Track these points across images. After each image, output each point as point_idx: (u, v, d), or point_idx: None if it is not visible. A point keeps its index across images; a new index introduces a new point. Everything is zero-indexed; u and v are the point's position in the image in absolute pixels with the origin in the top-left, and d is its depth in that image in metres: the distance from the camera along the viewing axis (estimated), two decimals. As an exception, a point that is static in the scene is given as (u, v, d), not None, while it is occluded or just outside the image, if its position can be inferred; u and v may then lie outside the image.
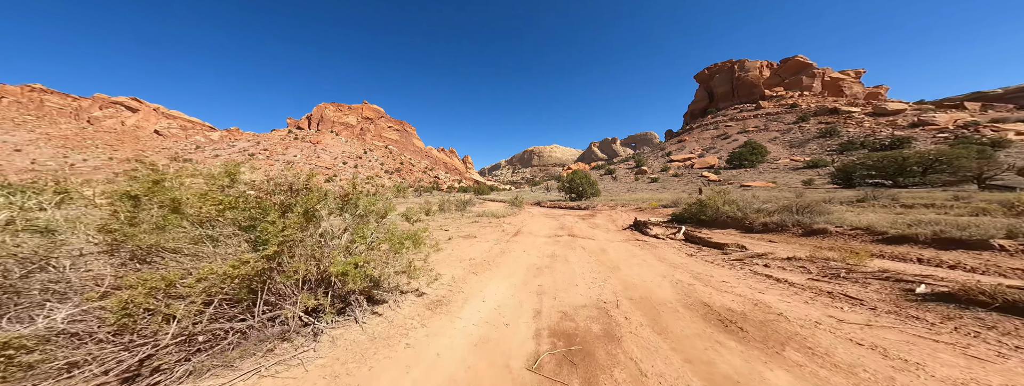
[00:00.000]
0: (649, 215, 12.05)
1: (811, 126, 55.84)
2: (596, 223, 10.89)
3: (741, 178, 41.98)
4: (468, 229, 8.80)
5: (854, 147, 46.70)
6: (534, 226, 9.91)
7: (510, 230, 8.74)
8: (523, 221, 11.44)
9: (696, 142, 61.22)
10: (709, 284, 3.68)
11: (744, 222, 7.82)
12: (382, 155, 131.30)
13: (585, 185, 24.92)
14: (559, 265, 4.76)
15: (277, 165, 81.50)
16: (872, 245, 5.15)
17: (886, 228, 5.46)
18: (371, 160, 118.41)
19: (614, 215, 13.38)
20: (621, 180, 50.09)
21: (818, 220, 6.57)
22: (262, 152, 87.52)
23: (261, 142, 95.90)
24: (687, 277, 3.96)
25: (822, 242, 5.77)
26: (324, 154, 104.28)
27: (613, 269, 4.47)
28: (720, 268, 4.32)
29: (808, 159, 45.57)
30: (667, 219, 10.23)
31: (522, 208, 16.33)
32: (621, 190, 40.08)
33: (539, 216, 13.77)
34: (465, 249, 6.15)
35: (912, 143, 42.77)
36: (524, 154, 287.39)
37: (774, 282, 3.66)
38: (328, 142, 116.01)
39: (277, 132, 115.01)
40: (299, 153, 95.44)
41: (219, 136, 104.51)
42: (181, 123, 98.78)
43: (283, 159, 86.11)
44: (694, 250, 5.67)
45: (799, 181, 35.07)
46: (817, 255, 4.47)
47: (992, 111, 52.73)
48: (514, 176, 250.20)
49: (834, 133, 51.56)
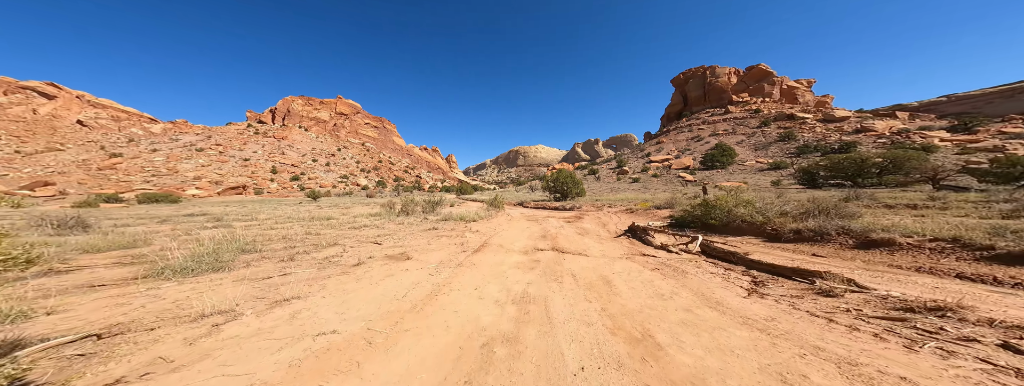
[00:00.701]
0: (643, 218, 10.36)
1: (772, 130, 58.74)
2: (585, 228, 8.97)
3: (714, 178, 42.74)
4: (413, 241, 6.32)
5: (809, 150, 49.43)
6: (509, 234, 7.77)
7: (473, 242, 6.47)
8: (497, 227, 9.26)
9: (673, 144, 62.42)
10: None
11: (765, 228, 6.24)
12: (358, 153, 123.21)
13: (570, 185, 23.23)
14: (530, 332, 2.44)
15: (231, 162, 72.96)
16: (998, 267, 3.51)
17: (983, 239, 3.94)
18: (346, 158, 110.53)
19: (603, 217, 11.59)
20: (604, 180, 49.62)
21: (874, 227, 5.01)
22: (213, 147, 78.06)
23: (213, 136, 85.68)
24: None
25: (900, 258, 4.18)
26: (290, 151, 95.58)
27: (639, 341, 2.28)
28: (875, 344, 2.11)
29: (771, 161, 47.55)
30: (665, 223, 8.58)
31: (501, 209, 14.20)
32: (604, 190, 39.23)
33: (519, 219, 11.66)
34: (364, 289, 3.36)
35: (857, 147, 46.01)
36: (509, 154, 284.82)
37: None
38: (295, 138, 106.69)
39: (234, 125, 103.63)
40: (260, 149, 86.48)
41: (161, 129, 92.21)
42: (113, 113, 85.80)
43: (239, 156, 77.34)
44: (745, 281, 3.68)
45: (767, 181, 36.01)
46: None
47: (919, 120, 58.41)
48: (499, 176, 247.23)
49: (792, 137, 54.50)
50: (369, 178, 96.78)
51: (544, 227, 9.21)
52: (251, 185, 65.06)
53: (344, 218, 11.59)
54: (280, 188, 67.49)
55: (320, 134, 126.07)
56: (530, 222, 10.67)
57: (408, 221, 10.32)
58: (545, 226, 9.46)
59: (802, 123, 59.36)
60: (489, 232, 7.90)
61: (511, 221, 10.93)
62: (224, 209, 17.98)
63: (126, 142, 74.43)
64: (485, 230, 8.21)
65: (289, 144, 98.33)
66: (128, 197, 37.82)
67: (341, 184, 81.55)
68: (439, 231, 7.68)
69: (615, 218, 11.23)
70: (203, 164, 69.78)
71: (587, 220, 11.00)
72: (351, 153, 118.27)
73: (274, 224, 9.39)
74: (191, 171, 65.01)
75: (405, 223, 9.50)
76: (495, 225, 9.48)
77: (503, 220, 11.07)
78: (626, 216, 11.50)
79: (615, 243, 6.70)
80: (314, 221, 10.40)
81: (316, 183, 76.05)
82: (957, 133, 46.92)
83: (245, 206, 21.89)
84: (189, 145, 77.61)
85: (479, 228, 8.49)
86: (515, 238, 7.11)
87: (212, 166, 70.01)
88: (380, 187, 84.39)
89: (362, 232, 7.42)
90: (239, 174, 68.71)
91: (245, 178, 67.29)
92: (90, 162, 61.51)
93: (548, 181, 25.63)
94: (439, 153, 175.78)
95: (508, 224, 9.98)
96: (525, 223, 10.36)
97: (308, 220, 10.73)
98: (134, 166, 63.14)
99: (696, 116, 70.55)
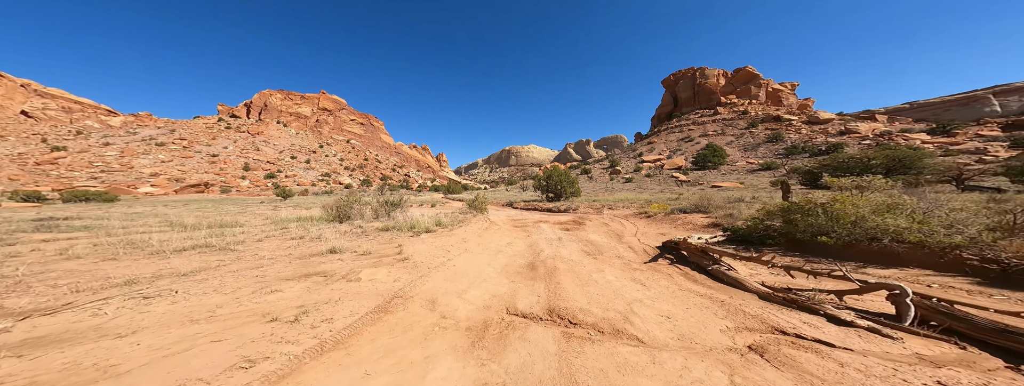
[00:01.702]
0: (671, 226, 7.19)
1: (760, 132, 57.94)
2: (594, 242, 5.73)
3: (708, 179, 40.99)
4: (283, 285, 2.91)
5: (797, 151, 48.89)
6: (470, 264, 4.38)
7: (385, 288, 3.09)
8: (461, 242, 5.86)
9: (664, 144, 60.80)
10: None
11: (946, 253, 3.19)
12: (342, 150, 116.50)
13: (564, 184, 19.98)
14: None
15: (196, 158, 66.16)
16: None
17: None
18: (329, 155, 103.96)
19: (610, 223, 8.36)
20: (597, 180, 47.23)
21: None
22: (176, 142, 70.82)
23: (177, 130, 78.02)
24: None
25: None
26: (266, 147, 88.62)
27: None
28: None
29: (762, 162, 46.71)
30: (713, 235, 5.46)
31: (483, 212, 10.69)
32: (599, 190, 36.48)
33: (502, 227, 8.29)
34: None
35: (844, 148, 45.65)
36: (502, 153, 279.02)
37: None
38: (272, 133, 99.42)
39: (202, 119, 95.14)
40: (231, 145, 79.43)
41: (121, 122, 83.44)
42: (64, 104, 76.75)
43: (206, 151, 70.44)
44: None
45: (762, 182, 34.26)
46: None
47: (898, 122, 58.96)
48: (491, 175, 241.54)
49: (779, 138, 53.88)
50: (353, 177, 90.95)
51: (533, 241, 5.89)
52: (218, 183, 58.91)
53: (261, 223, 7.95)
54: (252, 186, 61.46)
55: (301, 130, 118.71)
56: (515, 230, 7.32)
57: (343, 230, 6.80)
58: (534, 237, 6.14)
59: (788, 125, 58.89)
60: (436, 258, 4.48)
61: (487, 230, 7.55)
62: (128, 210, 13.71)
63: (74, 135, 66.31)
64: (432, 252, 4.78)
65: (265, 140, 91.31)
66: (53, 196, 32.04)
67: (321, 182, 75.73)
68: (356, 258, 4.19)
69: (628, 225, 8.01)
70: (163, 160, 62.90)
71: (591, 227, 7.75)
72: (335, 150, 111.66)
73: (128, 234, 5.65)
74: (148, 167, 58.28)
75: (346, 233, 5.93)
76: (459, 239, 6.06)
77: (477, 228, 7.68)
78: (642, 223, 8.33)
79: (658, 276, 3.46)
80: (195, 230, 6.71)
81: (294, 181, 70.15)
82: (936, 135, 47.06)
83: (187, 206, 17.49)
84: (148, 139, 70.11)
85: (424, 248, 5.05)
86: (478, 273, 3.73)
87: (174, 162, 63.24)
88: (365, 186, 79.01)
89: (198, 260, 3.90)
90: (205, 171, 62.25)
91: (212, 175, 60.99)
92: (27, 156, 53.90)
93: (540, 180, 22.38)
94: (429, 152, 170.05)
95: (481, 237, 6.57)
96: (507, 233, 6.99)
97: (193, 228, 7.01)
98: (80, 161, 55.82)
99: (686, 117, 69.31)
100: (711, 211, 7.66)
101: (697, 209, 8.42)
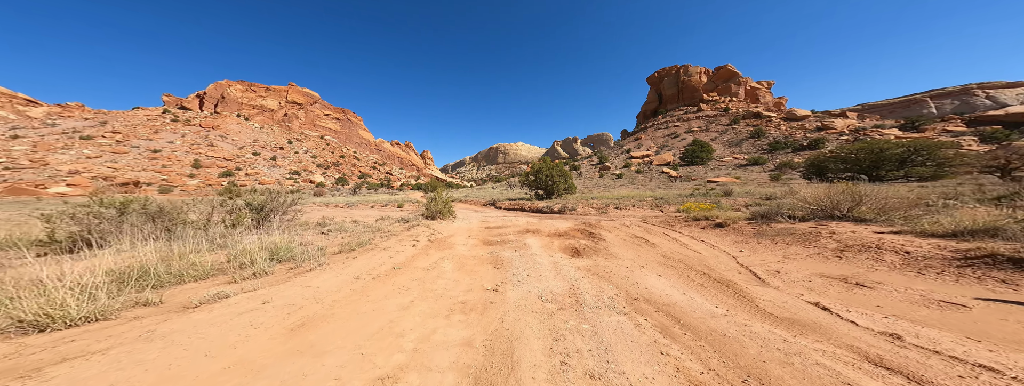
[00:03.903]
0: (795, 246, 3.81)
1: (742, 128, 57.75)
2: (691, 328, 2.20)
3: (698, 174, 39.33)
4: None
5: (780, 147, 48.86)
6: None
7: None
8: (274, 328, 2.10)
9: (651, 140, 59.33)
10: None
11: None
12: (315, 147, 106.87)
13: (556, 179, 16.43)
14: None
15: (132, 153, 56.80)
16: None
17: None
18: (299, 152, 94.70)
19: (646, 236, 4.86)
20: (586, 176, 44.59)
21: None
22: (108, 135, 60.65)
23: (110, 122, 67.11)
24: None
25: None
26: (223, 142, 78.76)
27: None
28: None
29: (749, 157, 46.09)
30: None
31: (447, 218, 6.88)
32: (591, 186, 33.53)
33: (456, 248, 4.56)
34: None
35: (825, 143, 46.04)
36: (490, 151, 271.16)
37: None
38: (231, 127, 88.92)
39: (143, 111, 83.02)
40: (178, 139, 69.52)
41: (44, 112, 70.86)
42: (-36, 90, 63.86)
43: (146, 146, 60.87)
44: None
45: (757, 177, 32.83)
46: None
47: (869, 119, 60.96)
48: (479, 173, 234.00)
49: (761, 134, 53.90)
50: (327, 174, 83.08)
51: (505, 324, 2.25)
52: (157, 181, 50.46)
53: None
54: (203, 185, 53.32)
55: (266, 125, 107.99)
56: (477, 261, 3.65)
57: (179, 251, 2.84)
58: (512, 305, 2.50)
59: (768, 121, 59.12)
60: None
61: (408, 264, 3.82)
62: None
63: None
64: None
65: (222, 134, 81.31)
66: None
67: (289, 181, 67.98)
68: None
69: (694, 244, 4.56)
70: (89, 155, 53.26)
71: (618, 245, 4.22)
72: (306, 147, 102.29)
73: None
74: (68, 163, 48.85)
75: None
76: (318, 294, 2.30)
77: (383, 261, 3.91)
78: (713, 236, 4.94)
79: None
80: None
81: (255, 179, 62.16)
82: (907, 131, 48.34)
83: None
84: (72, 131, 59.49)
85: None
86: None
87: (103, 158, 53.73)
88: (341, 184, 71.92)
89: None
90: (143, 168, 53.40)
91: (151, 173, 52.36)
92: None
93: (528, 175, 18.74)
94: (413, 149, 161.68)
95: (362, 296, 2.85)
96: (451, 274, 3.30)
97: None
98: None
99: (671, 114, 68.46)
100: (781, 205, 4.25)
101: (823, 212, 4.84)
